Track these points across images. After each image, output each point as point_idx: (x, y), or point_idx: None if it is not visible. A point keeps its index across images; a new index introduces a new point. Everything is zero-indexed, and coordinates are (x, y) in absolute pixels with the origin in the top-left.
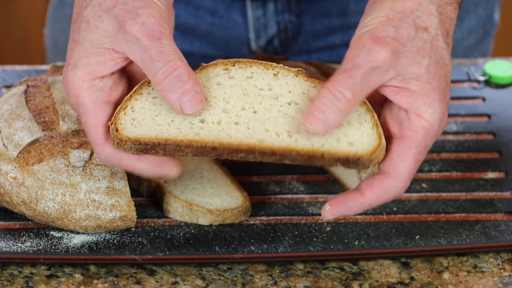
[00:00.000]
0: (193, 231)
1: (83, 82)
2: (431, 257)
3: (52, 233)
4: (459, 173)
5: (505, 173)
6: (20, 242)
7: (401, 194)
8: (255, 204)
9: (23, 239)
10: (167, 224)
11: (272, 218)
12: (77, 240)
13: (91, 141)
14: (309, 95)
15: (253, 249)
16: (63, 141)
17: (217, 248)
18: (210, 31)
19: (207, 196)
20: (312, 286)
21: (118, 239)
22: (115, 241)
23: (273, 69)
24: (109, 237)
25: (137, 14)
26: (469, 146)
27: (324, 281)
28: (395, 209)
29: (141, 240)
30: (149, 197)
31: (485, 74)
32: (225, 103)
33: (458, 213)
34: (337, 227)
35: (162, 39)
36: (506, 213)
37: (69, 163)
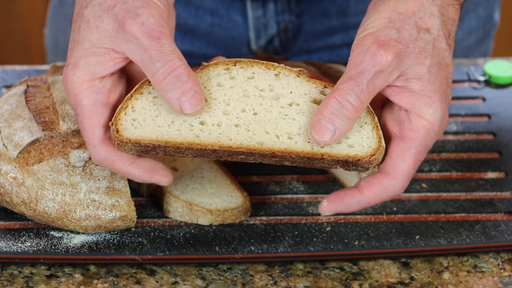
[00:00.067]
0: (193, 231)
1: (82, 82)
2: (431, 257)
3: (52, 233)
4: (459, 173)
5: (505, 173)
6: (20, 242)
7: (400, 193)
8: (255, 204)
9: (23, 239)
10: (167, 224)
11: (272, 218)
12: (77, 240)
13: (86, 141)
14: (311, 96)
15: (253, 249)
16: (63, 141)
17: (217, 248)
18: (210, 31)
19: (207, 196)
20: (312, 286)
21: (118, 239)
22: (115, 241)
23: (274, 69)
24: (109, 237)
25: (137, 13)
26: (469, 146)
27: (324, 281)
28: (395, 209)
29: (141, 240)
30: (149, 197)
31: (485, 74)
32: (225, 105)
33: (458, 213)
34: (337, 227)
35: (161, 38)
36: (506, 213)
37: (69, 163)
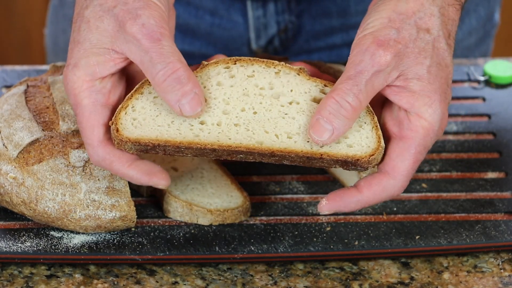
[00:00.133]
0: (193, 231)
1: (83, 82)
2: (431, 257)
3: (52, 233)
4: (459, 173)
5: (505, 173)
6: (20, 242)
7: (399, 193)
8: (255, 204)
9: (23, 239)
10: (167, 224)
11: (272, 218)
12: (77, 240)
13: (85, 142)
14: (311, 95)
15: (253, 249)
16: (63, 141)
17: (217, 248)
18: (210, 31)
19: (207, 196)
20: (312, 286)
21: (118, 239)
22: (115, 241)
23: (274, 67)
24: (109, 237)
25: (137, 14)
26: (469, 146)
27: (324, 281)
28: (395, 209)
29: (141, 240)
30: (149, 197)
31: (485, 74)
32: (225, 105)
33: (458, 213)
34: (337, 227)
35: (162, 40)
36: (506, 213)
37: (69, 163)
